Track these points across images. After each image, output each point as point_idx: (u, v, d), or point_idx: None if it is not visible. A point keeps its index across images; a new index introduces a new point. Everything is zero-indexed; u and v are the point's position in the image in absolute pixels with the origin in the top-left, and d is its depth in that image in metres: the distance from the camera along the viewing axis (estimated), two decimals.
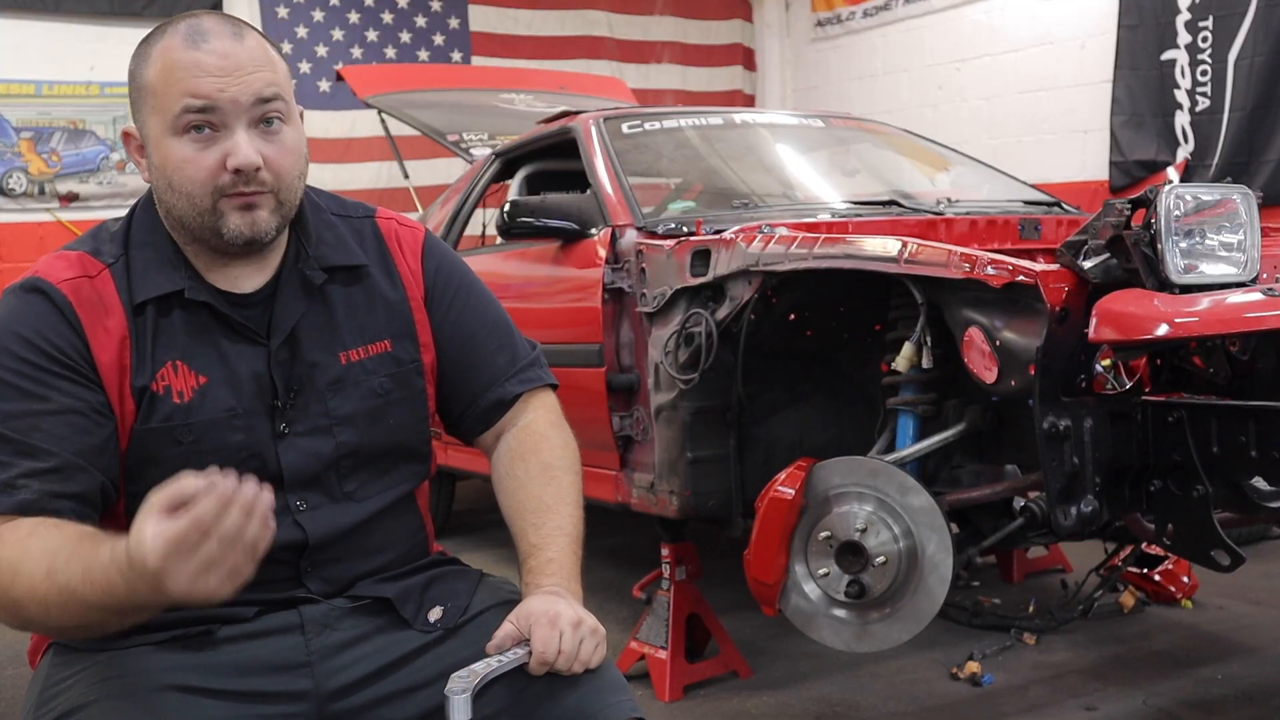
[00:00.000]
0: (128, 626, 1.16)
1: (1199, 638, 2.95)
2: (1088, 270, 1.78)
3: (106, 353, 1.25)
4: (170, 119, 1.24)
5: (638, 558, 3.71)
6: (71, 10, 6.26)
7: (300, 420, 1.32)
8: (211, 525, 1.00)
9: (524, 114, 4.94)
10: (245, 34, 1.27)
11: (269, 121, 1.26)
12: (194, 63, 1.22)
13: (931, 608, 1.97)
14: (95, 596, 1.08)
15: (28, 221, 6.18)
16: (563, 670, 1.22)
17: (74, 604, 1.10)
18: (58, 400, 1.21)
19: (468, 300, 1.46)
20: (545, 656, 1.21)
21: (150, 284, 1.28)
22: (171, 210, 1.28)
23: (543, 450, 1.43)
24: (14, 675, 3.00)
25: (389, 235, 1.44)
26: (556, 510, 1.38)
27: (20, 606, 1.13)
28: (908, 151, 3.81)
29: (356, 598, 1.35)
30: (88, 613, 1.10)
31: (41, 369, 1.22)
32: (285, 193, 1.28)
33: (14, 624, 1.17)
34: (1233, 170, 5.45)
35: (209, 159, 1.24)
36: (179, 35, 1.25)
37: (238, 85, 1.23)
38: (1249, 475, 1.96)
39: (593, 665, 1.24)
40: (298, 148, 1.29)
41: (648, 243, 2.64)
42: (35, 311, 1.24)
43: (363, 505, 1.35)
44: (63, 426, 1.21)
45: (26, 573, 1.11)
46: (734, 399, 2.46)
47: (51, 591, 1.10)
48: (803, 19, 8.19)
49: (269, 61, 1.27)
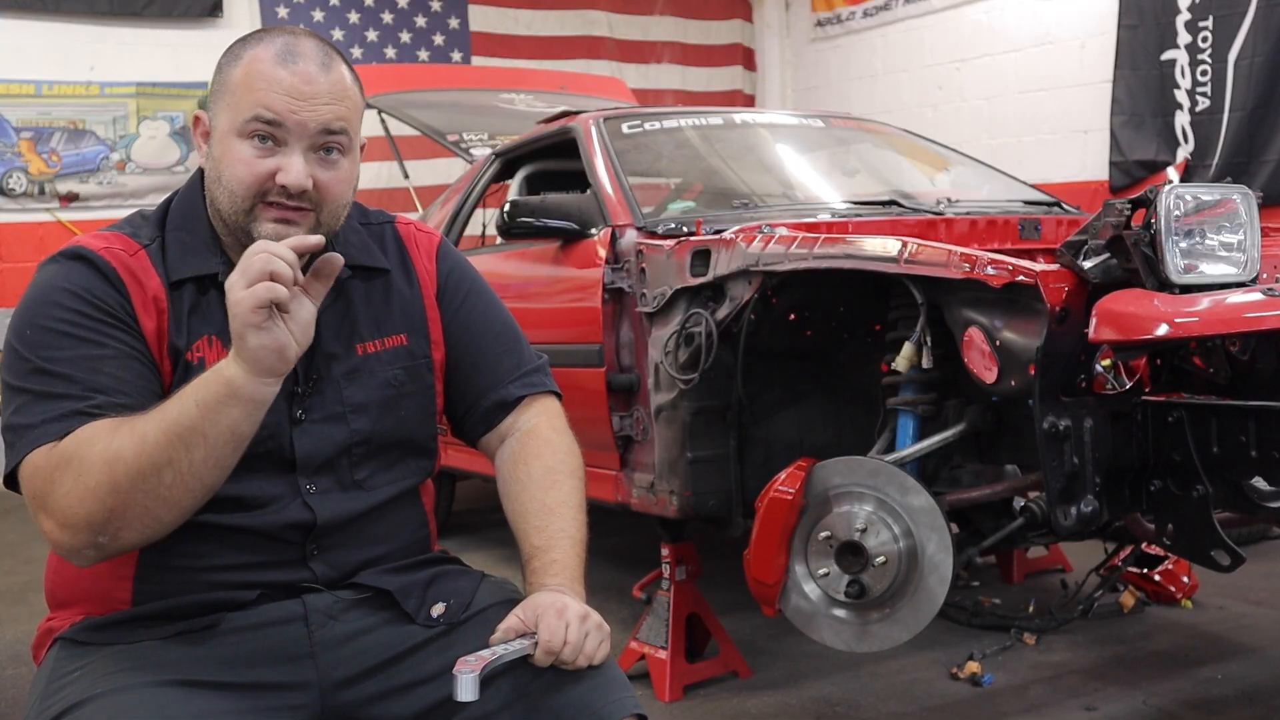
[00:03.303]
0: (213, 447, 1.19)
1: (1199, 638, 2.95)
2: (1088, 270, 1.78)
3: (148, 316, 1.30)
4: (240, 121, 1.29)
5: (638, 558, 3.71)
6: (71, 10, 6.26)
7: (317, 408, 1.36)
8: (266, 247, 1.17)
9: (524, 114, 4.94)
10: (333, 66, 1.33)
11: (328, 150, 1.32)
12: (277, 79, 1.29)
13: (931, 608, 1.97)
14: (186, 399, 1.17)
15: (28, 221, 6.18)
16: (567, 662, 1.23)
17: (166, 424, 1.16)
18: (114, 347, 1.26)
19: (477, 303, 1.52)
20: (552, 646, 1.22)
21: (186, 265, 1.34)
22: (215, 200, 1.34)
23: (545, 455, 1.46)
24: (14, 675, 3.00)
25: (407, 238, 1.51)
26: (560, 514, 1.40)
27: (119, 456, 1.16)
28: (908, 151, 3.81)
29: (360, 588, 1.37)
30: (177, 428, 1.16)
31: (94, 319, 1.26)
32: (327, 216, 1.34)
33: (103, 495, 1.17)
34: (1233, 170, 5.46)
35: (263, 166, 1.29)
36: (273, 48, 1.31)
37: (310, 111, 1.29)
38: (1249, 475, 1.95)
39: (596, 661, 1.25)
40: (349, 179, 1.36)
41: (648, 243, 2.64)
42: (80, 273, 1.29)
43: (370, 494, 1.39)
44: (124, 370, 1.25)
45: (128, 424, 1.18)
46: (734, 399, 2.46)
47: (149, 425, 1.17)
48: (803, 19, 8.19)
49: (346, 96, 1.33)
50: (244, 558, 1.31)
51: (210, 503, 1.27)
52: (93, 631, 1.30)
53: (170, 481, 1.17)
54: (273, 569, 1.32)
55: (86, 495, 1.16)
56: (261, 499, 1.31)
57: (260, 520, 1.31)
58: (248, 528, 1.30)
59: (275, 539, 1.32)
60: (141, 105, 6.48)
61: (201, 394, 1.17)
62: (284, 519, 1.32)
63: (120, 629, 1.29)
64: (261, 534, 1.31)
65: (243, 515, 1.30)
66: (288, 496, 1.33)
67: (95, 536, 1.18)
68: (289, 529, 1.32)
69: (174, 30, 6.56)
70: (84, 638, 1.30)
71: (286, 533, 1.32)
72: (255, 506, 1.31)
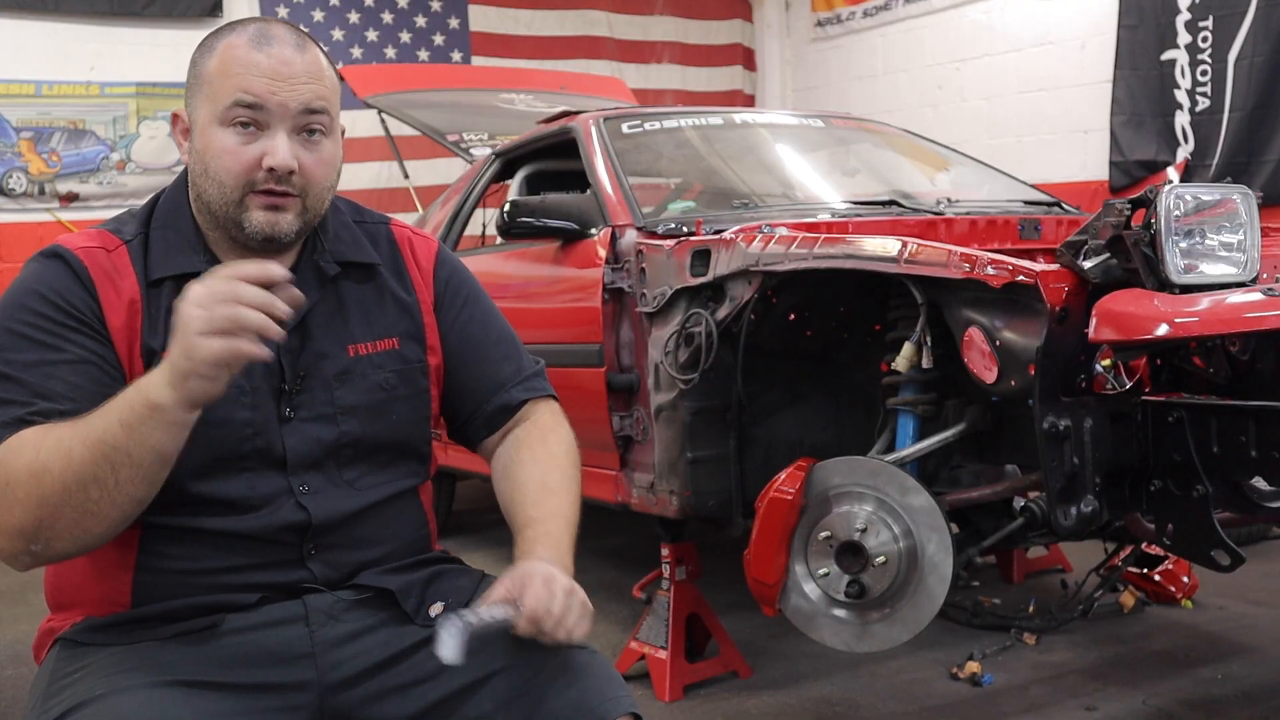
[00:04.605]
0: (139, 463, 1.16)
1: (1199, 638, 2.95)
2: (1088, 270, 1.78)
3: (117, 315, 1.29)
4: (220, 110, 1.30)
5: (638, 558, 3.71)
6: (71, 10, 6.26)
7: (306, 406, 1.35)
8: (237, 292, 1.10)
9: (524, 114, 4.95)
10: (308, 47, 1.34)
11: (311, 131, 1.32)
12: (253, 62, 1.29)
13: (931, 608, 1.97)
14: (111, 416, 1.14)
15: (28, 221, 6.17)
16: (548, 633, 1.23)
17: (91, 441, 1.14)
18: (72, 351, 1.26)
19: (475, 311, 1.52)
20: (537, 613, 1.22)
21: (168, 263, 1.34)
22: (202, 194, 1.33)
23: (550, 441, 1.48)
24: (14, 675, 3.00)
25: (402, 242, 1.50)
26: (558, 494, 1.42)
27: (46, 470, 1.14)
28: (908, 151, 3.81)
29: (360, 588, 1.37)
30: (101, 448, 1.13)
31: (56, 323, 1.27)
32: (312, 200, 1.34)
33: (31, 507, 1.16)
34: (1233, 170, 5.45)
35: (248, 153, 1.29)
36: (246, 35, 1.31)
37: (289, 92, 1.30)
38: (1249, 475, 1.96)
39: (576, 637, 1.26)
40: (333, 160, 1.36)
41: (648, 243, 2.64)
42: (52, 274, 1.30)
43: (364, 494, 1.39)
44: (77, 375, 1.25)
45: (56, 435, 1.16)
46: (734, 399, 2.46)
47: (75, 440, 1.14)
48: (803, 19, 8.19)
49: (323, 76, 1.34)
50: (242, 560, 1.31)
51: (204, 506, 1.27)
52: (93, 632, 1.30)
53: (97, 497, 1.16)
54: (271, 570, 1.32)
55: (15, 505, 1.16)
56: (254, 500, 1.31)
57: (255, 523, 1.30)
58: (244, 532, 1.30)
59: (272, 541, 1.32)
60: (141, 105, 6.48)
61: (125, 414, 1.14)
62: (279, 520, 1.31)
63: (121, 630, 1.29)
64: (258, 537, 1.31)
65: (237, 519, 1.30)
66: (281, 496, 1.32)
67: (28, 544, 1.18)
68: (285, 530, 1.32)
69: (174, 30, 6.56)
70: (85, 639, 1.30)
71: (283, 534, 1.32)
72: (249, 509, 1.30)
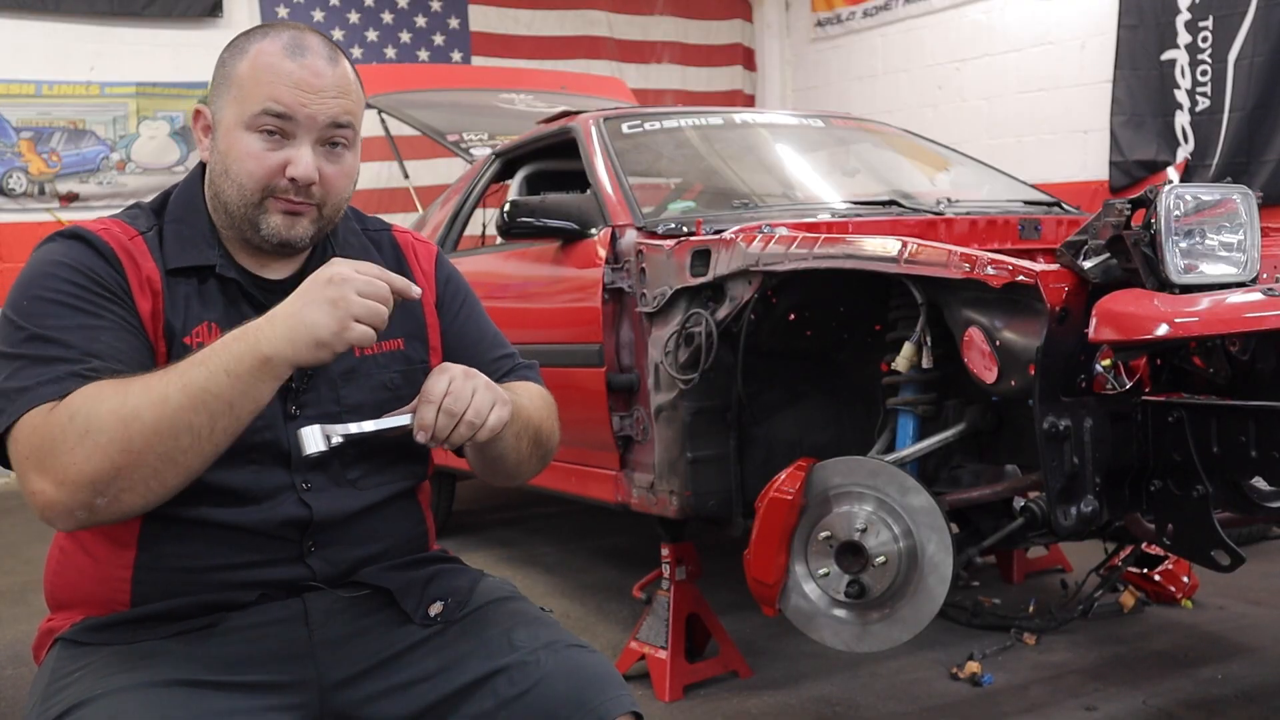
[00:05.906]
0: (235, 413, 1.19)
1: (1199, 638, 2.95)
2: (1088, 270, 1.77)
3: (143, 298, 1.30)
4: (249, 115, 1.31)
5: (638, 558, 3.71)
6: (71, 10, 6.26)
7: (311, 405, 1.36)
8: (383, 293, 1.20)
9: (524, 114, 4.95)
10: (339, 60, 1.35)
11: (334, 144, 1.35)
12: (286, 72, 1.31)
13: (931, 608, 1.97)
14: (214, 365, 1.17)
15: (28, 221, 6.19)
16: (454, 412, 1.26)
17: (193, 390, 1.16)
18: (110, 319, 1.26)
19: (471, 311, 1.56)
20: (430, 395, 1.25)
21: (184, 255, 1.35)
22: (221, 193, 1.35)
23: (533, 389, 1.53)
24: (14, 675, 3.00)
25: (405, 246, 1.54)
26: (525, 396, 1.47)
27: (137, 415, 1.15)
28: (908, 151, 3.81)
29: (359, 586, 1.37)
30: (203, 395, 1.16)
31: (92, 291, 1.27)
32: (329, 209, 1.37)
33: (113, 453, 1.15)
34: (1233, 170, 5.46)
35: (272, 160, 1.31)
36: (280, 41, 1.32)
37: (319, 105, 1.32)
38: (1249, 475, 1.95)
39: (490, 421, 1.28)
40: (352, 173, 1.39)
41: (648, 243, 2.64)
42: (76, 250, 1.30)
43: (365, 493, 1.40)
44: (120, 341, 1.26)
45: (140, 384, 1.17)
46: (734, 399, 2.46)
47: (169, 387, 1.16)
48: (803, 19, 8.19)
49: (351, 91, 1.36)
50: (242, 556, 1.31)
51: (207, 495, 1.27)
52: (93, 632, 1.30)
53: (186, 445, 1.16)
54: (271, 567, 1.33)
55: (95, 452, 1.14)
56: (257, 493, 1.31)
57: (257, 516, 1.31)
58: (245, 525, 1.31)
59: (272, 536, 1.32)
60: (141, 105, 6.49)
61: (233, 365, 1.17)
62: (280, 515, 1.32)
63: (121, 629, 1.30)
64: (259, 531, 1.31)
65: (239, 511, 1.30)
66: (284, 492, 1.33)
67: (95, 497, 1.16)
68: (285, 525, 1.33)
69: (174, 30, 6.57)
70: (85, 638, 1.30)
71: (283, 529, 1.33)
72: (251, 501, 1.31)
